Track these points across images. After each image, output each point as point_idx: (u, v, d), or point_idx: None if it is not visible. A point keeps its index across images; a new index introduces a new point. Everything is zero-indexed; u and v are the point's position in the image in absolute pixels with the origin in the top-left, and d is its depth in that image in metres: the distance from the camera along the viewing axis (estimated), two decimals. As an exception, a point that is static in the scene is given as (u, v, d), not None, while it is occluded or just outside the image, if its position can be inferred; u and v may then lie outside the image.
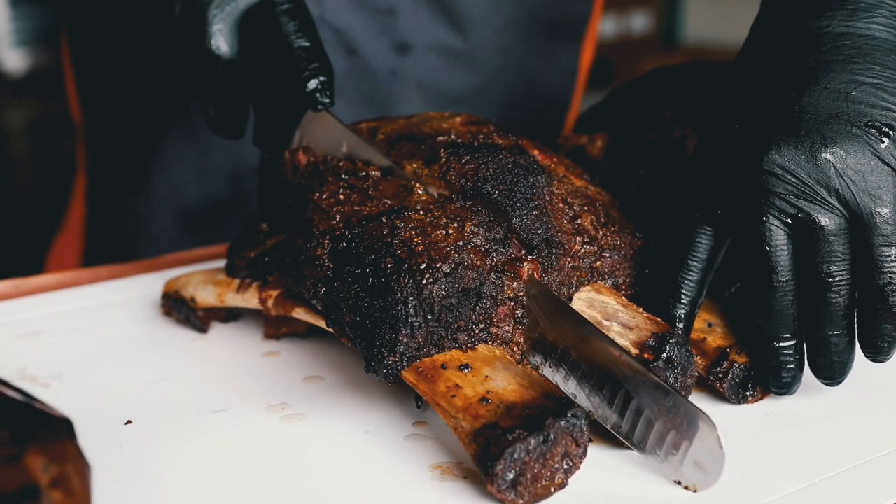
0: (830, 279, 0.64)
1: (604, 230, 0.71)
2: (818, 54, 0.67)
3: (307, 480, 0.62)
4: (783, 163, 0.64)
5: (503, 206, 0.68)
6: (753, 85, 0.69)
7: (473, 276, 0.65)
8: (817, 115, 0.65)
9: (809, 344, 0.67)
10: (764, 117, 0.66)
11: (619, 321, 0.67)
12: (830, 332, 0.66)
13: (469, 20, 1.10)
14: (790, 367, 0.67)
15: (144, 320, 0.85)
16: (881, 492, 0.60)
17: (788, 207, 0.64)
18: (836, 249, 0.64)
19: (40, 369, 0.76)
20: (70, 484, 0.47)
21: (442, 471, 0.63)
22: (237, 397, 0.72)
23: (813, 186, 0.64)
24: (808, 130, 0.64)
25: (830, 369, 0.67)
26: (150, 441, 0.66)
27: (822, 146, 0.64)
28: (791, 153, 0.64)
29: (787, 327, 0.66)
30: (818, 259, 0.64)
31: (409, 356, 0.63)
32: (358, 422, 0.68)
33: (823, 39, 0.67)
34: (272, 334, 0.79)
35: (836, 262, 0.64)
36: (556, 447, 0.59)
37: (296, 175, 0.76)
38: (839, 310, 0.65)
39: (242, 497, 0.60)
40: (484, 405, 0.60)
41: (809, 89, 0.66)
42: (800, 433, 0.66)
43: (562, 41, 1.19)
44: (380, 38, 1.07)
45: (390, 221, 0.68)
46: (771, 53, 0.69)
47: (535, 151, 0.74)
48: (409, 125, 0.77)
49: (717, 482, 0.59)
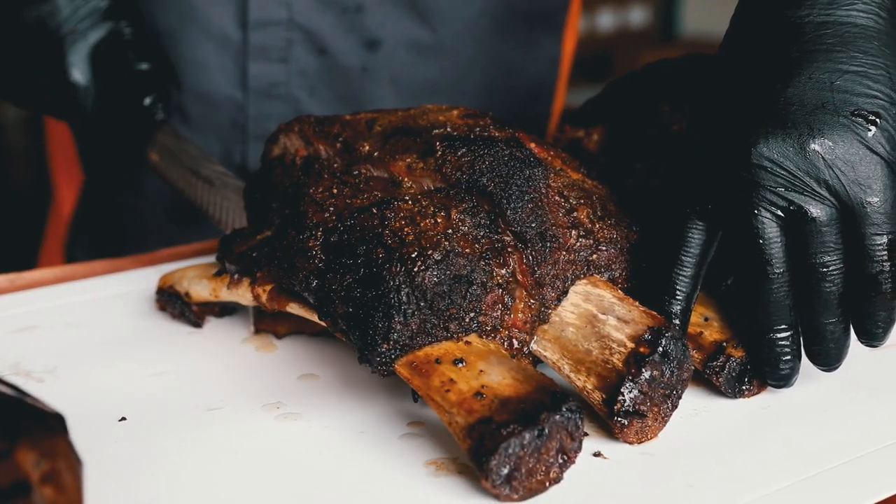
0: (824, 269, 0.65)
1: (600, 223, 0.71)
2: (801, 44, 0.66)
3: (302, 479, 0.61)
4: (772, 155, 0.64)
5: (498, 198, 0.67)
6: (737, 77, 0.69)
7: (464, 263, 0.65)
8: (803, 107, 0.64)
9: (805, 333, 0.67)
10: (750, 110, 0.66)
11: (614, 315, 0.67)
12: (826, 321, 0.66)
13: (437, 13, 1.10)
14: (787, 359, 0.67)
15: (139, 315, 0.84)
16: (879, 485, 0.60)
17: (779, 200, 0.64)
18: (828, 240, 0.64)
19: (35, 364, 0.76)
20: (61, 480, 0.46)
21: (437, 466, 0.62)
22: (232, 395, 0.71)
23: (803, 178, 0.64)
24: (795, 122, 0.64)
25: (827, 356, 0.67)
26: (144, 438, 0.66)
27: (810, 137, 0.64)
28: (779, 145, 0.64)
29: (783, 318, 0.66)
30: (811, 250, 0.64)
31: (403, 344, 0.63)
32: (353, 421, 0.68)
33: (805, 29, 0.67)
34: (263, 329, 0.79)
35: (830, 253, 0.64)
36: (551, 441, 0.58)
37: (286, 177, 0.76)
38: (833, 298, 0.65)
39: (237, 496, 0.60)
40: (478, 400, 0.60)
41: (794, 80, 0.65)
42: (797, 427, 0.66)
43: (540, 30, 1.18)
44: (348, 36, 1.08)
45: (380, 212, 0.67)
46: (753, 45, 0.69)
47: (531, 144, 0.73)
48: (405, 118, 0.76)
49: (715, 474, 0.59)
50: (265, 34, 1.06)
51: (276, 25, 1.06)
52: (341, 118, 0.78)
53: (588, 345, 0.66)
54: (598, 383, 0.65)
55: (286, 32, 1.07)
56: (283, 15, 1.06)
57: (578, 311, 0.68)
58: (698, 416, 0.68)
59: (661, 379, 0.64)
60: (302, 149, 0.78)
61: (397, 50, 1.10)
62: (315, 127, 0.78)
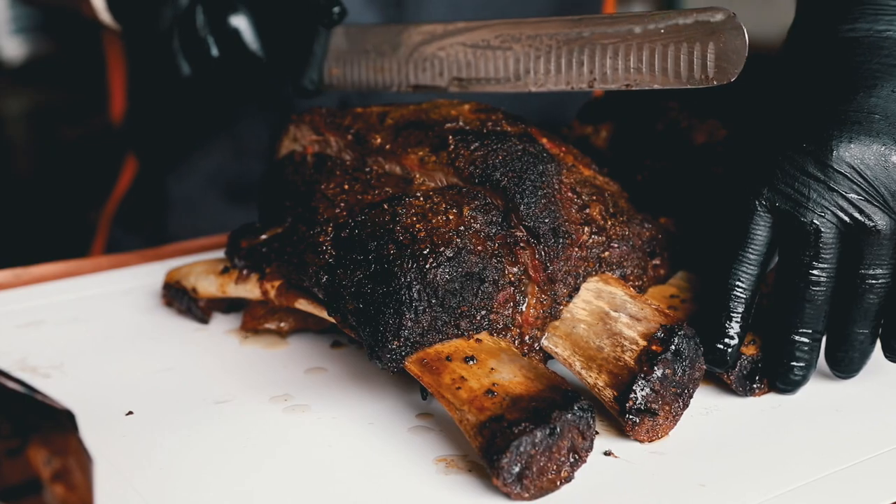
0: (873, 281, 0.65)
1: (612, 220, 0.70)
2: (882, 57, 0.67)
3: (310, 472, 0.61)
4: (852, 161, 0.64)
5: (511, 193, 0.67)
6: (811, 81, 0.68)
7: (476, 261, 0.64)
8: (887, 118, 0.65)
9: (833, 338, 0.68)
10: (831, 113, 0.66)
11: (627, 312, 0.66)
12: (859, 330, 0.67)
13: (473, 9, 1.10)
14: (802, 365, 0.68)
15: (146, 310, 0.84)
16: (893, 485, 0.59)
17: (849, 207, 0.64)
18: (884, 253, 0.65)
19: (41, 360, 0.75)
20: (72, 477, 0.46)
21: (447, 463, 0.62)
22: (240, 388, 0.71)
23: (878, 189, 0.64)
24: (878, 132, 0.65)
25: (850, 363, 0.68)
26: (152, 432, 0.65)
27: (893, 150, 0.64)
28: (861, 153, 0.64)
29: (812, 323, 0.67)
30: (867, 261, 0.65)
31: (413, 341, 0.63)
32: (361, 413, 0.67)
33: (885, 43, 0.67)
34: (251, 327, 0.78)
35: (883, 266, 0.65)
36: (563, 440, 0.58)
37: (297, 175, 0.76)
38: (873, 308, 0.66)
39: (246, 488, 0.59)
40: (489, 397, 0.59)
41: (877, 91, 0.66)
42: (809, 426, 0.66)
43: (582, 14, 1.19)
44: None
45: (391, 208, 0.67)
46: (827, 52, 0.69)
47: (544, 140, 0.73)
48: (417, 112, 0.76)
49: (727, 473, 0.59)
50: None
51: None
52: (353, 110, 0.78)
53: (600, 342, 0.66)
54: (610, 381, 0.64)
55: None
56: None
57: (590, 307, 0.68)
58: (709, 415, 0.67)
59: (673, 377, 0.64)
60: (311, 145, 0.78)
61: None
62: (326, 118, 0.77)
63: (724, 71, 0.64)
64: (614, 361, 0.64)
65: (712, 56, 0.64)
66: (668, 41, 0.65)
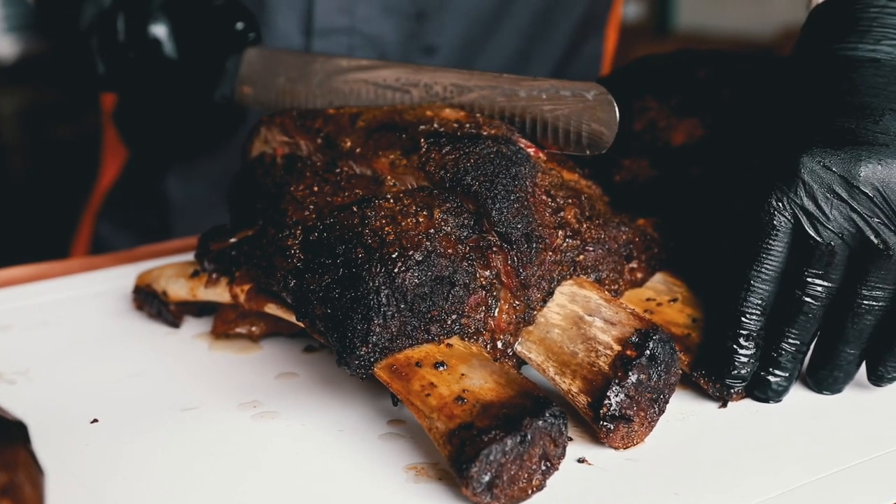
0: (873, 302, 0.64)
1: (588, 223, 0.69)
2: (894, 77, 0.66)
3: (278, 481, 0.60)
4: (878, 184, 0.63)
5: (483, 198, 0.65)
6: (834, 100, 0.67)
7: (446, 264, 0.63)
8: None
9: (820, 355, 0.67)
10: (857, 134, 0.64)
11: (601, 316, 0.65)
12: (849, 350, 0.66)
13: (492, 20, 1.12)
14: (785, 375, 0.67)
15: (116, 314, 0.83)
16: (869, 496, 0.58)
17: (867, 229, 0.63)
18: (890, 276, 0.64)
19: (7, 365, 0.74)
20: (21, 492, 0.45)
21: (417, 472, 0.61)
22: (208, 394, 0.69)
23: None
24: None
25: (834, 382, 0.68)
26: (116, 441, 0.64)
27: None
28: (887, 175, 0.63)
29: (802, 335, 0.66)
30: (871, 281, 0.64)
31: (382, 347, 0.61)
32: (331, 420, 0.66)
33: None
34: (221, 331, 0.77)
35: (886, 289, 0.64)
36: (534, 448, 0.57)
37: (267, 177, 0.74)
38: (867, 330, 0.65)
39: (210, 498, 0.58)
40: (459, 405, 0.58)
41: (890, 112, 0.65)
42: (786, 433, 0.65)
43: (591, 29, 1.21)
44: (408, 42, 1.10)
45: (360, 211, 0.65)
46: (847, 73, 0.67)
47: (522, 142, 0.71)
48: (391, 112, 0.74)
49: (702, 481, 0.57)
50: (328, 41, 1.08)
51: (339, 33, 1.08)
52: (325, 112, 0.76)
53: (574, 347, 0.64)
54: (584, 386, 0.63)
55: (348, 39, 1.09)
56: (347, 23, 1.08)
57: (564, 312, 0.66)
58: (686, 421, 0.66)
59: (648, 382, 0.63)
60: (281, 146, 0.76)
61: (452, 54, 1.12)
62: (297, 121, 0.76)
63: (596, 144, 0.70)
64: (588, 367, 0.63)
65: (587, 129, 0.70)
66: (549, 109, 0.71)
